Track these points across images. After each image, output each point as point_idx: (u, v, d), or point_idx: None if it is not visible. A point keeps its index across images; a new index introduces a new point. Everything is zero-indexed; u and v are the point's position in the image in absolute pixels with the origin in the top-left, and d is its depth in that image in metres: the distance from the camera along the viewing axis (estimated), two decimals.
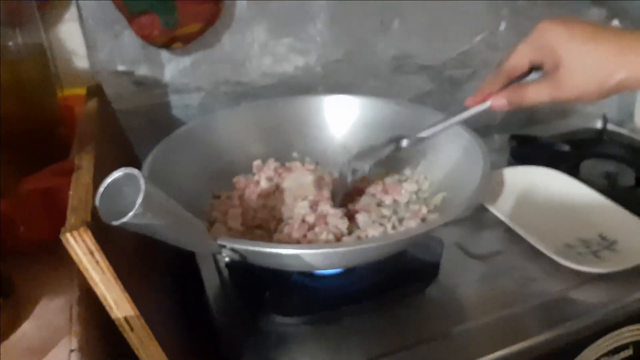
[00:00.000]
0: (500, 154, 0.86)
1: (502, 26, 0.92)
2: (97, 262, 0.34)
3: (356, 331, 0.53)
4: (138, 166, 0.49)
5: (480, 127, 0.69)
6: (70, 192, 0.40)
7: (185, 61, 0.75)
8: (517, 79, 0.51)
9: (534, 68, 0.50)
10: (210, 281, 0.61)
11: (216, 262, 0.63)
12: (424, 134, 0.57)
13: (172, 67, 0.74)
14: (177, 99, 0.77)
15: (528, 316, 0.54)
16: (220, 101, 0.79)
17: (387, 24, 0.84)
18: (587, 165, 0.79)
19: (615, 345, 0.56)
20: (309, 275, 0.57)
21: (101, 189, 0.37)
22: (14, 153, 0.55)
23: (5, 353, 0.40)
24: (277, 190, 0.64)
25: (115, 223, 0.35)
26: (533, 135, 0.86)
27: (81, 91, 0.66)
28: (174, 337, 0.47)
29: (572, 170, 0.77)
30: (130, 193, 0.37)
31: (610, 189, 0.73)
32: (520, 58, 0.49)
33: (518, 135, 0.86)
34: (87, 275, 0.35)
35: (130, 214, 0.35)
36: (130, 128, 0.72)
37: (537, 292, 0.57)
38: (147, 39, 0.68)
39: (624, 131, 0.90)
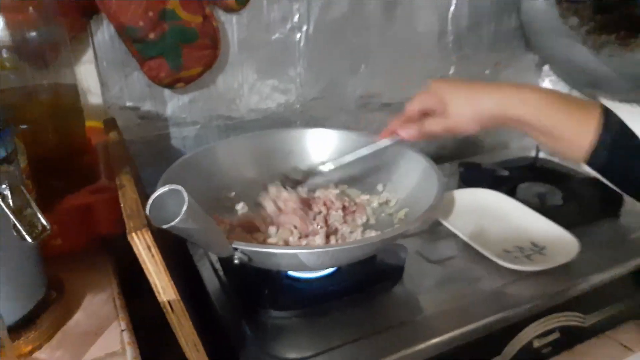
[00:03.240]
0: (451, 179, 1.01)
1: (452, 70, 1.08)
2: (152, 255, 0.45)
3: (338, 321, 0.64)
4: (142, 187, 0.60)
5: (434, 156, 0.84)
6: (122, 205, 0.50)
7: (184, 99, 0.86)
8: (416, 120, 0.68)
9: (426, 113, 0.67)
10: (211, 284, 0.71)
11: (215, 269, 0.74)
12: (348, 159, 0.74)
13: (173, 104, 0.86)
14: (176, 131, 0.88)
15: (474, 306, 0.67)
16: (213, 133, 0.90)
17: (355, 68, 0.99)
18: (522, 187, 0.95)
19: (544, 329, 0.70)
20: (298, 278, 0.69)
21: (151, 200, 0.48)
22: (49, 177, 0.65)
23: (65, 337, 0.49)
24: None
25: (165, 227, 0.47)
26: (478, 162, 1.01)
27: (95, 124, 0.76)
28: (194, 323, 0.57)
29: (511, 191, 0.92)
30: (171, 204, 0.48)
31: (541, 206, 0.88)
32: (417, 105, 0.67)
33: (465, 162, 1.01)
34: (144, 266, 0.46)
35: (177, 219, 0.46)
36: (134, 155, 0.83)
37: (481, 288, 0.70)
38: (155, 79, 0.79)
39: (553, 159, 1.07)
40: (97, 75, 0.79)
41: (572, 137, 0.55)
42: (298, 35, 0.91)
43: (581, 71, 0.98)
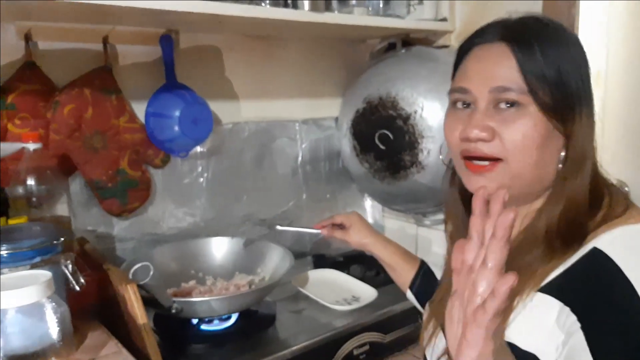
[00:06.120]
0: (310, 265, 1.52)
1: (304, 195, 1.64)
2: (137, 298, 0.88)
3: (234, 349, 1.07)
4: None
5: (300, 252, 1.34)
6: (111, 278, 0.93)
7: (126, 223, 1.30)
8: (335, 226, 1.17)
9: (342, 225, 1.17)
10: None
11: (155, 331, 1.14)
12: (283, 228, 1.21)
13: (118, 226, 1.29)
14: (120, 245, 1.30)
15: (315, 331, 1.13)
16: (146, 245, 1.34)
17: (239, 197, 1.50)
18: (353, 267, 1.48)
19: (359, 343, 1.18)
20: (209, 329, 1.12)
21: (132, 270, 0.92)
22: None
23: (87, 346, 0.88)
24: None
25: (141, 283, 0.91)
26: (323, 253, 1.54)
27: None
28: None
29: (345, 270, 1.45)
30: (140, 273, 0.93)
31: (362, 276, 1.41)
32: (338, 219, 1.13)
33: (316, 254, 1.54)
34: (130, 304, 0.88)
35: (148, 278, 0.91)
36: None
37: (320, 321, 1.18)
38: (110, 212, 1.24)
39: None
40: (69, 210, 1.22)
41: (403, 274, 1.04)
42: (201, 179, 1.42)
43: (380, 194, 1.59)
